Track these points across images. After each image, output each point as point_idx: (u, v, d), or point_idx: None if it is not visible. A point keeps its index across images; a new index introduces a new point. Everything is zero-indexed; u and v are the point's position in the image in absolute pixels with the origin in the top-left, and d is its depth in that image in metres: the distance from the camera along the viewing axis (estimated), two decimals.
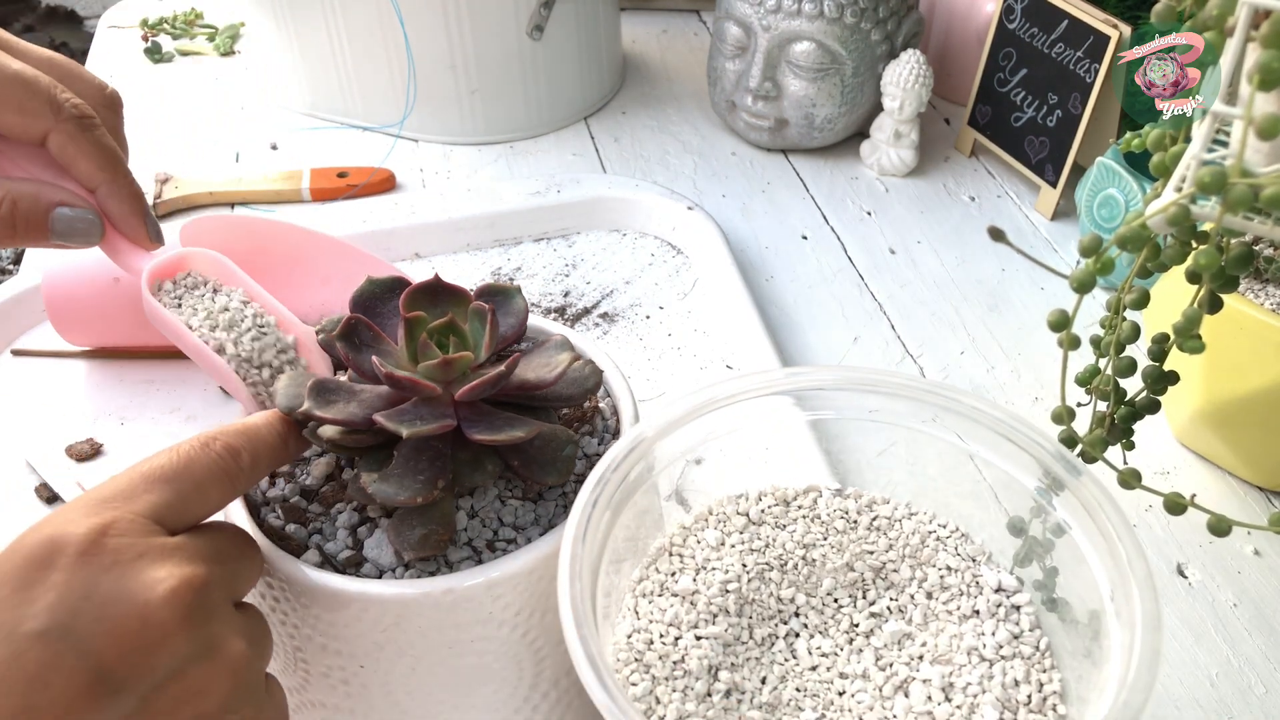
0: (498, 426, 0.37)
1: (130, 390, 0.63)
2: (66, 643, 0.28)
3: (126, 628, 0.29)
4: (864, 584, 0.43)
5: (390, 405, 0.37)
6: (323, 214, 0.76)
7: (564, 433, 0.39)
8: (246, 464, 0.35)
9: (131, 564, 0.30)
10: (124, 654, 0.29)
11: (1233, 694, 0.49)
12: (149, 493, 0.32)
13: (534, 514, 0.39)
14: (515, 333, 0.41)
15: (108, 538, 0.30)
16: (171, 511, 0.32)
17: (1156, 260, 0.38)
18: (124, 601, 0.29)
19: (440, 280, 0.39)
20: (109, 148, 0.41)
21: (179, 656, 0.30)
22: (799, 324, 0.70)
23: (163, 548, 0.31)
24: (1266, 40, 0.30)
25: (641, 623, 0.40)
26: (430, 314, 0.38)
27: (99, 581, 0.29)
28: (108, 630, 0.29)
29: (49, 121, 0.39)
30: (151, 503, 0.32)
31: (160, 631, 0.29)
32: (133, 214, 0.42)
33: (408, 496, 0.35)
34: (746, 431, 0.43)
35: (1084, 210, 0.71)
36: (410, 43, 0.82)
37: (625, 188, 0.78)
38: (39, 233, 0.40)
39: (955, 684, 0.39)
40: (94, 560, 0.29)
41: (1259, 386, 0.51)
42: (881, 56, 0.81)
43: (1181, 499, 0.40)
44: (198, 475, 0.33)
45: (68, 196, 0.41)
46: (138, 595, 0.29)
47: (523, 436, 0.36)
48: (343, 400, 0.37)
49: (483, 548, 0.38)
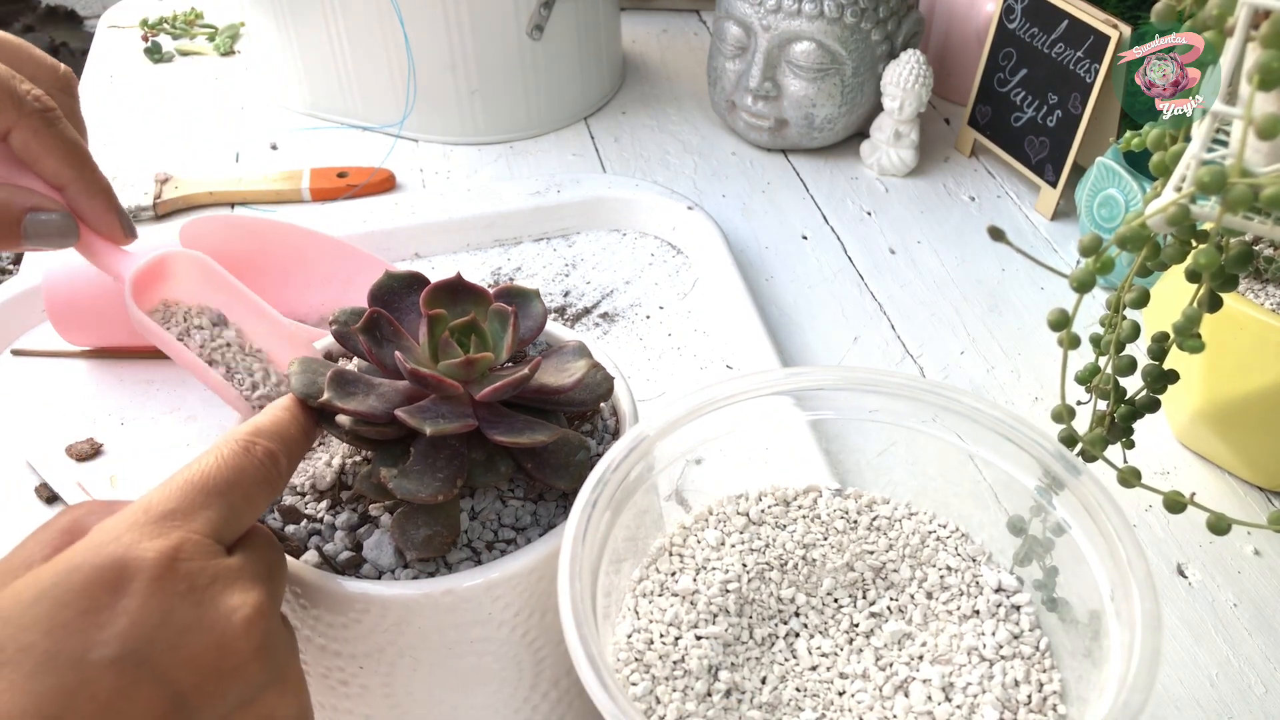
0: (518, 429, 0.37)
1: (130, 390, 0.63)
2: (143, 670, 0.27)
3: (204, 656, 0.29)
4: (864, 584, 0.43)
5: (408, 401, 0.37)
6: (323, 214, 0.76)
7: (577, 437, 0.39)
8: (285, 468, 0.34)
9: (206, 590, 0.29)
10: (200, 682, 0.28)
11: (1233, 694, 0.49)
12: (207, 508, 0.31)
13: (533, 514, 0.39)
14: (532, 335, 0.41)
15: (179, 562, 0.29)
16: (228, 527, 0.32)
17: (1156, 259, 0.38)
18: (202, 630, 0.29)
19: (462, 279, 0.39)
20: (74, 141, 0.39)
21: (253, 684, 0.30)
22: (799, 324, 0.70)
23: (230, 571, 0.30)
24: (1266, 40, 0.30)
25: (641, 623, 0.40)
26: (451, 313, 0.38)
27: (175, 608, 0.29)
28: (185, 659, 0.28)
29: (11, 118, 0.37)
30: (211, 520, 0.31)
31: (237, 660, 0.29)
32: (105, 209, 0.41)
33: (429, 494, 0.35)
34: (746, 431, 0.43)
35: (1084, 210, 0.71)
36: (410, 43, 0.82)
37: (625, 188, 0.78)
38: (11, 240, 0.38)
39: (955, 684, 0.39)
40: (169, 586, 0.29)
41: (1259, 386, 0.51)
42: (881, 56, 0.81)
43: (1181, 497, 0.40)
44: (247, 485, 0.33)
45: (39, 200, 0.39)
46: (215, 624, 0.29)
47: (545, 440, 0.36)
48: (362, 393, 0.37)
49: (482, 548, 0.38)
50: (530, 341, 0.41)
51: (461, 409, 0.37)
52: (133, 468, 0.58)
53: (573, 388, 0.39)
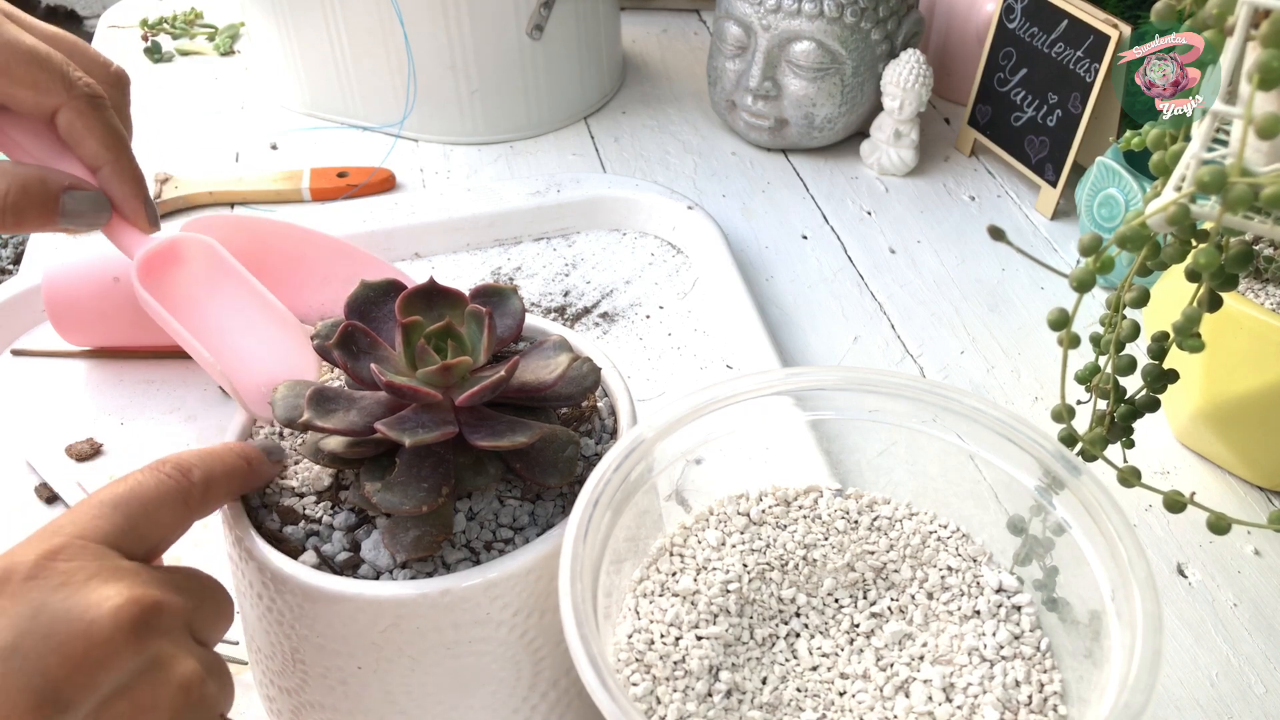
0: (500, 432, 0.37)
1: (130, 390, 0.63)
2: (12, 663, 0.28)
3: (72, 645, 0.29)
4: (865, 584, 0.43)
5: (390, 411, 0.37)
6: (323, 214, 0.76)
7: (565, 434, 0.39)
8: (198, 480, 0.35)
9: (82, 584, 0.30)
10: (70, 672, 0.29)
11: (1233, 694, 0.49)
12: (98, 518, 0.32)
13: (531, 514, 0.39)
14: (512, 334, 0.41)
15: (56, 561, 0.30)
16: (123, 536, 0.32)
17: (1156, 259, 0.38)
18: (70, 619, 0.29)
19: (434, 283, 0.39)
20: (116, 128, 0.41)
21: (125, 671, 0.30)
22: (799, 324, 0.70)
23: (115, 569, 0.31)
24: (1266, 39, 0.30)
25: (642, 623, 0.40)
26: (426, 318, 0.38)
27: (46, 601, 0.29)
28: (53, 648, 0.29)
29: (61, 98, 0.39)
30: (100, 528, 0.32)
31: (105, 647, 0.29)
32: (134, 196, 0.42)
33: (413, 506, 0.35)
34: (747, 432, 0.43)
35: (1084, 210, 0.71)
36: (410, 43, 0.82)
37: (625, 187, 0.78)
38: (48, 217, 0.40)
39: (956, 684, 0.39)
40: (42, 582, 0.29)
41: (1259, 386, 0.51)
42: (881, 56, 0.81)
43: (1181, 497, 0.40)
44: (145, 497, 0.33)
45: (75, 179, 0.40)
46: (84, 612, 0.29)
47: (526, 442, 0.36)
48: (342, 409, 0.37)
49: (480, 549, 0.38)
50: (511, 340, 0.41)
51: (442, 416, 0.37)
52: (132, 468, 0.58)
53: (555, 383, 0.39)
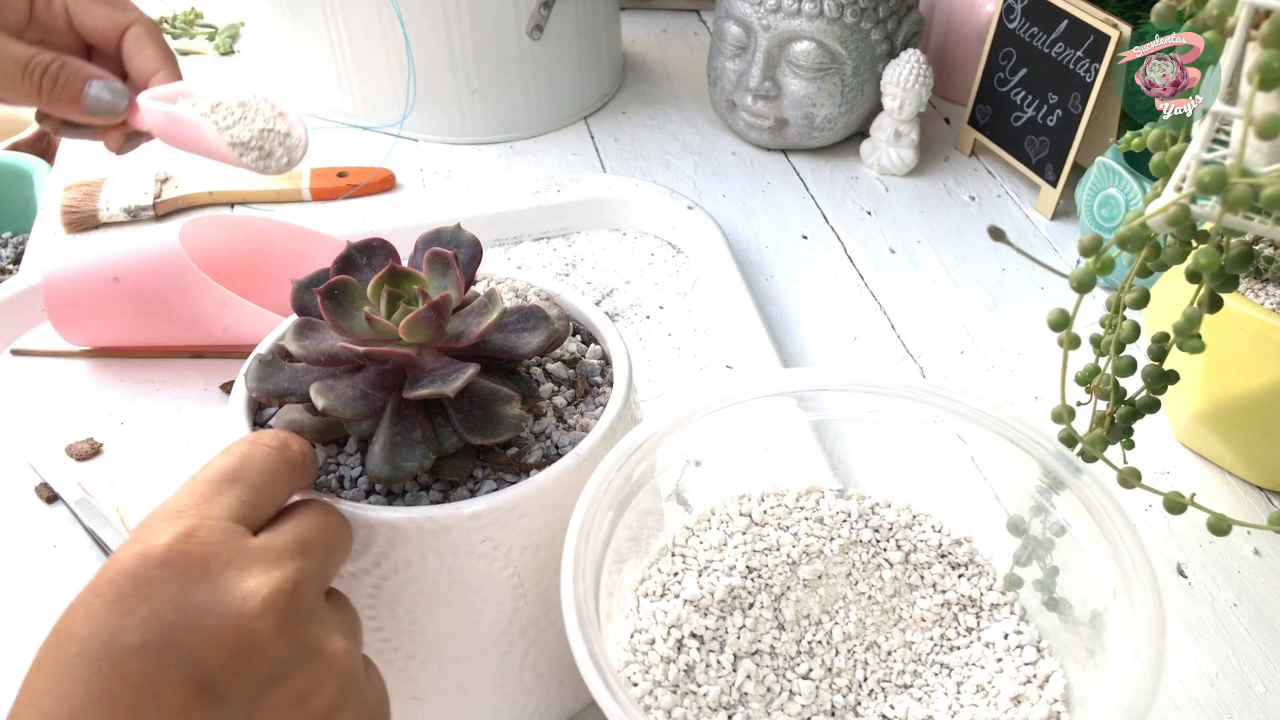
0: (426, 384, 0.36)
1: (130, 390, 0.63)
2: (168, 655, 0.28)
3: (224, 638, 0.29)
4: (865, 584, 0.43)
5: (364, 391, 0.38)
6: (323, 214, 0.76)
7: (503, 391, 0.38)
8: (297, 451, 0.35)
9: (222, 572, 0.30)
10: (225, 663, 0.29)
11: (1233, 694, 0.49)
12: (221, 494, 0.32)
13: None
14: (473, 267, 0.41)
15: (191, 545, 0.30)
16: (248, 509, 0.32)
17: (1156, 260, 0.38)
18: (218, 613, 0.29)
19: (373, 241, 0.40)
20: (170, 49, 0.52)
21: (281, 663, 0.30)
22: (799, 324, 0.70)
23: (250, 551, 0.31)
24: (1266, 40, 0.30)
25: (643, 623, 0.40)
26: (390, 283, 0.39)
27: (189, 592, 0.29)
28: (205, 641, 0.29)
29: (135, 15, 0.51)
30: (227, 505, 0.32)
31: (258, 640, 0.29)
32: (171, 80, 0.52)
33: (411, 470, 0.36)
34: (748, 432, 0.43)
35: (1084, 210, 0.71)
36: (410, 43, 0.82)
37: (625, 187, 0.78)
38: (72, 101, 0.49)
39: (957, 684, 0.39)
40: (179, 571, 0.29)
41: (1259, 386, 0.51)
42: (881, 56, 0.81)
43: (1181, 498, 0.40)
44: (260, 468, 0.33)
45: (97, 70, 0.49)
46: (231, 607, 0.29)
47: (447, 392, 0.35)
48: (328, 383, 0.38)
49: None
50: (472, 279, 0.41)
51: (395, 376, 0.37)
52: (133, 468, 0.58)
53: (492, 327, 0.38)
